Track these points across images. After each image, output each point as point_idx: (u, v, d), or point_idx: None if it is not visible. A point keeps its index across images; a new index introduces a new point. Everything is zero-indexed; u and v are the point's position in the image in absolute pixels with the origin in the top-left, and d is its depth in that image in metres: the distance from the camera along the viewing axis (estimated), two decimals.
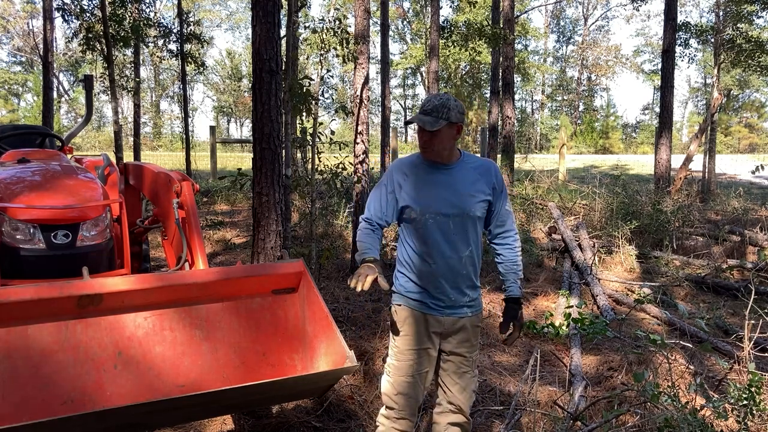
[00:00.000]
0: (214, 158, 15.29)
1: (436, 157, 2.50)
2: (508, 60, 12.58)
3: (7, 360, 2.38)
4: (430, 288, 2.52)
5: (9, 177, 3.29)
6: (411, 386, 2.54)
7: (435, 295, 2.52)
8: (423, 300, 2.53)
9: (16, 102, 37.53)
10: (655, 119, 27.08)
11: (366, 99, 6.45)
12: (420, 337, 2.53)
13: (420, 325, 2.53)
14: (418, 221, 2.49)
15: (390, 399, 2.57)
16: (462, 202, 2.50)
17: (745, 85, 35.68)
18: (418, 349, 2.53)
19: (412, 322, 2.54)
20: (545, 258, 7.36)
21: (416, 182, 2.51)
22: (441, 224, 2.48)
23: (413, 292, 2.54)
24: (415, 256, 2.52)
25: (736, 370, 3.61)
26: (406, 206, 2.51)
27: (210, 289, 2.77)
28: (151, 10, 18.30)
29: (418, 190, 2.50)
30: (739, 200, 10.84)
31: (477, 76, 33.15)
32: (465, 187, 2.51)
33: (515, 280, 2.68)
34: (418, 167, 2.54)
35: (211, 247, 7.88)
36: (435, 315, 2.53)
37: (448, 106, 2.40)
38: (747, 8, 13.82)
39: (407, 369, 2.54)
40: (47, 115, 10.71)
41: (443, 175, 2.51)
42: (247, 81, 38.84)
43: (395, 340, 2.57)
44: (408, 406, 2.55)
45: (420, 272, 2.52)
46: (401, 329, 2.55)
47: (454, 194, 2.50)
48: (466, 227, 2.53)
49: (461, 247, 2.52)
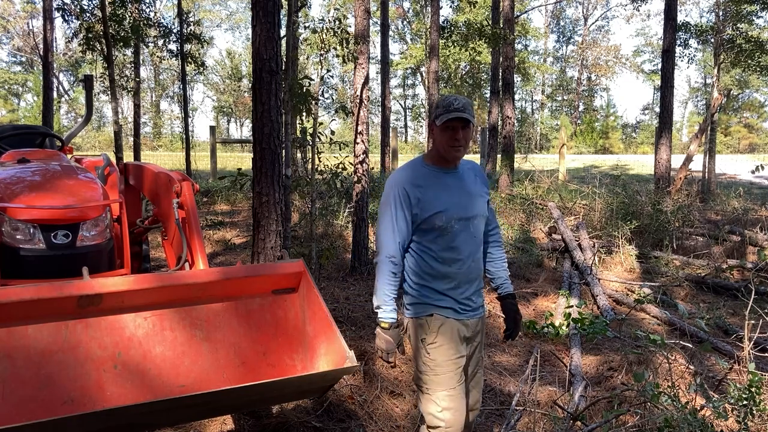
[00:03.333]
0: (214, 158, 15.29)
1: (458, 159, 2.48)
2: (508, 60, 12.58)
3: (7, 360, 2.38)
4: (455, 294, 2.46)
5: (9, 177, 3.29)
6: (456, 399, 2.43)
7: (461, 300, 2.48)
8: (451, 306, 2.46)
9: (16, 102, 37.55)
10: (655, 119, 27.08)
11: (366, 99, 6.45)
12: (456, 345, 2.45)
13: (454, 333, 2.45)
14: (444, 228, 2.41)
15: (434, 418, 2.43)
16: (476, 204, 2.51)
17: (744, 85, 35.69)
18: (457, 358, 2.44)
19: (446, 331, 2.44)
20: (545, 258, 7.36)
21: (435, 190, 2.43)
22: (464, 228, 2.46)
23: (440, 300, 2.45)
24: (438, 264, 2.44)
25: (736, 370, 3.61)
26: (431, 216, 2.40)
27: (210, 290, 2.77)
28: (151, 10, 18.32)
29: (439, 197, 2.42)
30: (739, 200, 10.84)
31: (477, 76, 33.15)
32: (473, 189, 2.52)
33: (507, 276, 2.71)
34: (428, 175, 2.46)
35: (211, 247, 7.87)
36: (464, 319, 2.48)
37: (470, 105, 2.42)
38: (747, 8, 13.82)
39: (449, 381, 2.42)
40: (47, 115, 10.72)
41: (454, 179, 2.49)
42: (247, 81, 38.83)
43: (429, 353, 2.43)
44: (456, 421, 2.42)
45: (445, 279, 2.45)
46: (436, 340, 2.43)
47: (469, 197, 2.49)
48: (480, 228, 2.55)
49: (478, 249, 2.55)
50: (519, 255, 7.23)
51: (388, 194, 2.45)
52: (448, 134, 2.39)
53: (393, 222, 2.41)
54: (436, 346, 2.43)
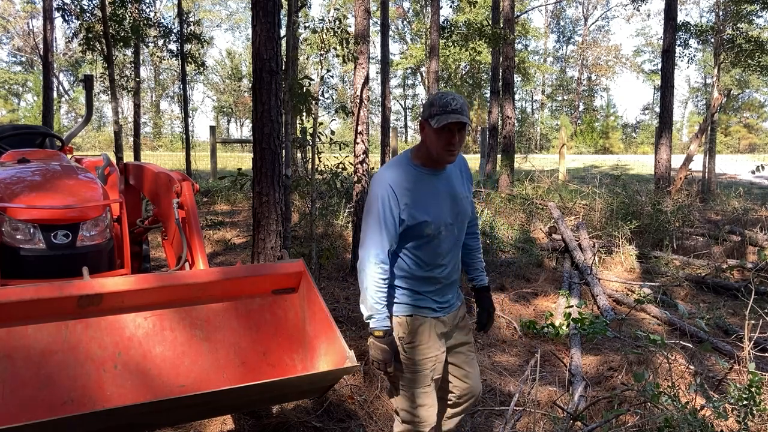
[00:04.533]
0: (214, 158, 15.29)
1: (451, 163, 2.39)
2: (508, 60, 12.58)
3: (7, 360, 2.38)
4: (435, 295, 2.45)
5: (9, 177, 3.29)
6: (430, 396, 2.44)
7: (440, 301, 2.47)
8: (430, 306, 2.44)
9: (16, 102, 37.55)
10: (655, 119, 27.08)
11: (366, 99, 6.45)
12: (434, 344, 2.43)
13: (432, 332, 2.43)
14: (432, 236, 2.35)
15: (409, 414, 2.44)
16: (463, 208, 2.47)
17: (744, 85, 35.69)
18: (432, 356, 2.43)
19: (424, 330, 2.42)
20: (545, 258, 7.36)
21: (423, 195, 2.34)
22: (450, 233, 2.42)
23: (420, 300, 2.43)
24: (421, 270, 2.40)
25: (736, 370, 3.61)
26: (419, 224, 2.31)
27: (210, 290, 2.77)
28: (151, 10, 18.32)
29: (428, 204, 2.34)
30: (740, 200, 10.84)
31: (477, 76, 33.16)
32: (460, 190, 2.47)
33: (482, 268, 2.69)
34: (417, 177, 2.35)
35: (211, 247, 7.87)
36: (440, 316, 2.47)
37: (466, 104, 2.31)
38: (747, 8, 13.81)
39: (424, 379, 2.42)
40: (47, 115, 10.71)
41: (441, 182, 2.41)
42: (247, 81, 38.83)
43: (405, 352, 2.41)
44: (430, 416, 2.45)
45: (428, 283, 2.42)
46: (414, 340, 2.41)
47: (455, 201, 2.44)
48: (463, 229, 2.53)
49: (459, 250, 2.54)
50: (519, 255, 7.23)
51: (375, 195, 2.31)
52: (444, 137, 2.27)
53: (381, 225, 2.28)
54: (413, 345, 2.41)
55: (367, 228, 2.33)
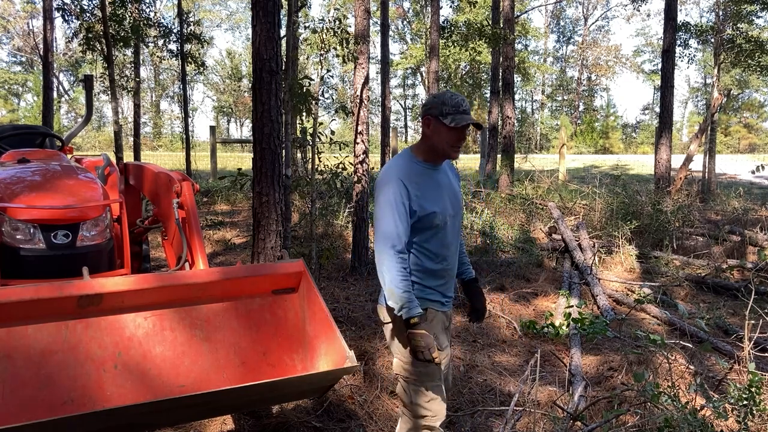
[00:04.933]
0: (214, 158, 15.29)
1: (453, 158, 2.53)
2: (508, 60, 12.58)
3: (7, 360, 2.38)
4: (442, 288, 2.52)
5: (9, 177, 3.29)
6: (440, 390, 2.49)
7: (446, 294, 2.55)
8: (438, 299, 2.52)
9: (16, 102, 37.55)
10: (655, 119, 27.08)
11: (366, 99, 6.45)
12: (444, 337, 2.55)
13: (441, 325, 2.53)
14: (439, 227, 2.43)
15: (423, 408, 2.46)
16: (460, 201, 2.59)
17: (744, 85, 35.69)
18: (443, 348, 2.53)
19: (437, 324, 2.50)
20: (545, 258, 7.36)
21: (430, 188, 2.43)
22: (453, 225, 2.51)
23: (431, 294, 2.49)
24: (432, 263, 2.45)
25: (736, 370, 3.61)
26: (428, 215, 2.38)
27: (210, 290, 2.77)
28: (151, 10, 18.32)
29: (433, 196, 2.43)
30: (740, 200, 10.84)
31: (477, 76, 33.17)
32: (455, 186, 2.60)
33: (468, 261, 2.76)
34: (421, 172, 2.45)
35: (211, 247, 7.87)
36: (446, 310, 2.56)
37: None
38: (747, 8, 13.82)
39: (437, 372, 2.45)
40: (47, 115, 10.71)
41: (441, 176, 2.52)
42: (247, 81, 38.83)
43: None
44: (442, 410, 2.48)
45: (437, 276, 2.49)
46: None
47: (453, 194, 2.55)
48: (461, 222, 2.63)
49: (458, 242, 2.62)
50: (519, 255, 7.23)
51: (387, 188, 2.35)
52: (456, 135, 2.40)
53: (396, 217, 2.31)
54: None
55: (381, 222, 2.35)
